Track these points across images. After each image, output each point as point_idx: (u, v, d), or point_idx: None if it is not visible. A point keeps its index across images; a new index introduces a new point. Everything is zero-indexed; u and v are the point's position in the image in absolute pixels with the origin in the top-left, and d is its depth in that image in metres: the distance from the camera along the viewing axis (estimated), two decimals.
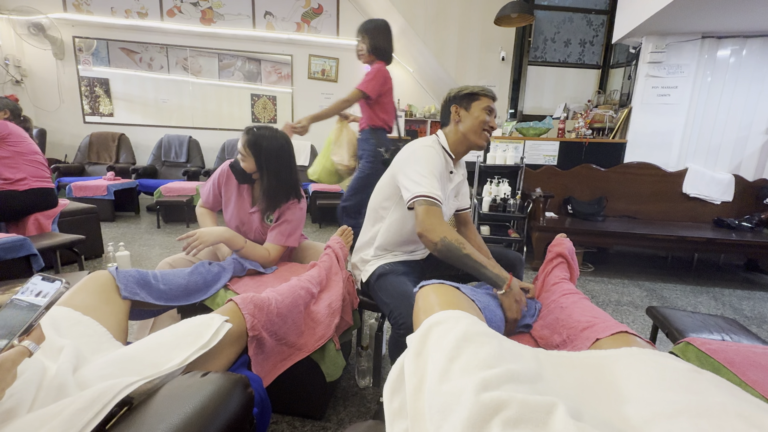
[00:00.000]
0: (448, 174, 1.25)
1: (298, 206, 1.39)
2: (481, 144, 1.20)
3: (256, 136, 1.30)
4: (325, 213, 3.97)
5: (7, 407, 0.48)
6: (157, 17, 4.59)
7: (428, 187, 1.04)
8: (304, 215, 1.44)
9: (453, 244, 0.97)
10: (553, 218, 2.91)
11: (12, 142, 2.04)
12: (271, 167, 1.32)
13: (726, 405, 0.42)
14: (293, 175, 1.38)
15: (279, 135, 1.35)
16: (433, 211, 1.01)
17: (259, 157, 1.30)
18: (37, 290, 0.53)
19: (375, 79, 2.02)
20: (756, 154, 3.22)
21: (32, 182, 2.12)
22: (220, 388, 0.57)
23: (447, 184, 1.25)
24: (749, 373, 0.73)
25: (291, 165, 1.38)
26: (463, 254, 0.96)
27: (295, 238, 1.40)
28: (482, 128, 1.18)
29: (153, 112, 4.86)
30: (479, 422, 0.38)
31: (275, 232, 1.36)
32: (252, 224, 1.42)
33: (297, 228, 1.40)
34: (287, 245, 1.38)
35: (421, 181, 1.05)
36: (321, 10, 4.86)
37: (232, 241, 1.25)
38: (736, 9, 2.59)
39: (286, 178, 1.35)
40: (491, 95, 1.20)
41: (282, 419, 1.14)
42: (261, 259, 1.31)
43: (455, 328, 0.54)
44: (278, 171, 1.33)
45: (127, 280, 0.93)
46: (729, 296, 2.46)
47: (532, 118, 4.15)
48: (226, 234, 1.24)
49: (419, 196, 1.03)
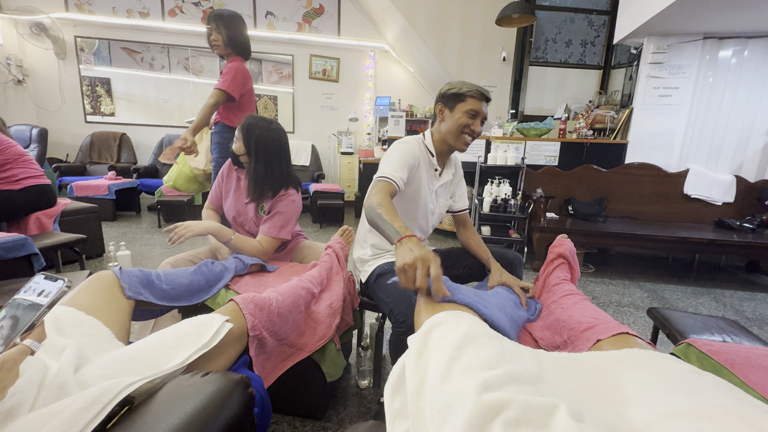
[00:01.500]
0: (433, 171, 1.24)
1: (291, 198, 1.39)
2: (460, 148, 1.18)
3: (249, 120, 1.34)
4: (326, 213, 3.97)
5: (9, 406, 0.48)
6: (159, 17, 4.59)
7: (388, 171, 1.06)
8: (298, 208, 1.43)
9: (371, 206, 0.93)
10: (554, 219, 2.91)
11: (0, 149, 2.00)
12: (259, 153, 1.34)
13: (727, 407, 0.42)
14: (283, 166, 1.39)
15: (273, 127, 1.37)
16: (378, 185, 1.02)
17: (249, 141, 1.33)
18: (39, 289, 0.53)
19: (235, 78, 1.87)
20: (757, 155, 3.21)
21: (28, 180, 2.10)
22: (221, 387, 0.57)
23: (433, 180, 1.25)
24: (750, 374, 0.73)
25: (281, 155, 1.38)
26: (375, 213, 0.91)
27: (287, 231, 1.39)
28: (461, 131, 1.14)
29: (154, 111, 4.87)
30: (480, 423, 0.38)
31: (268, 224, 1.36)
32: (247, 215, 1.43)
33: (290, 220, 1.39)
34: (279, 237, 1.37)
35: (383, 168, 1.08)
36: (322, 10, 4.86)
37: (220, 233, 1.28)
38: (738, 9, 2.59)
39: (274, 168, 1.36)
40: (479, 97, 1.12)
41: (282, 419, 1.14)
42: (252, 251, 1.32)
43: (456, 328, 0.54)
44: (267, 159, 1.34)
45: (131, 280, 0.93)
46: (730, 297, 2.46)
47: (533, 119, 4.15)
48: (213, 226, 1.27)
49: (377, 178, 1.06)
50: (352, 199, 4.71)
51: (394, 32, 4.65)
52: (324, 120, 5.20)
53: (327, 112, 5.20)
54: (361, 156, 4.34)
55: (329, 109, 5.20)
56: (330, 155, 5.22)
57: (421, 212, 1.25)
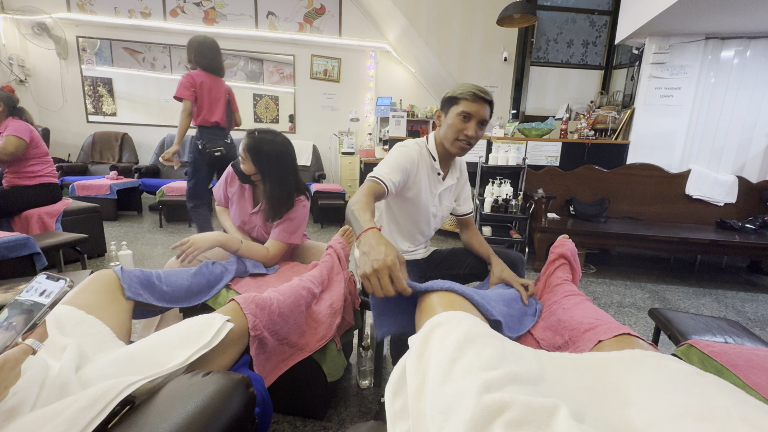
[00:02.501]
0: (436, 175, 1.24)
1: (302, 204, 1.40)
2: (456, 153, 1.16)
3: (255, 141, 1.31)
4: (327, 213, 3.98)
5: (11, 405, 0.48)
6: (160, 17, 4.60)
7: (379, 172, 1.06)
8: (308, 213, 1.45)
9: (350, 204, 0.92)
10: (555, 219, 2.90)
11: (35, 144, 2.18)
12: (272, 172, 1.33)
13: (729, 408, 0.42)
14: (295, 178, 1.39)
15: (279, 139, 1.35)
16: (364, 185, 1.00)
17: (259, 161, 1.32)
18: (41, 289, 0.53)
19: (182, 84, 2.29)
20: (760, 156, 3.20)
21: (43, 178, 2.27)
22: (222, 387, 0.57)
23: (435, 184, 1.24)
24: (752, 375, 0.73)
25: (291, 168, 1.38)
26: (350, 210, 0.89)
27: (298, 236, 1.41)
28: (455, 137, 1.11)
29: (156, 111, 4.88)
30: (481, 424, 0.38)
31: (278, 229, 1.37)
32: (254, 222, 1.43)
33: (300, 225, 1.40)
34: (290, 242, 1.38)
35: (377, 169, 1.08)
36: (323, 11, 4.87)
37: (227, 244, 1.24)
38: (740, 10, 2.58)
39: (287, 182, 1.36)
40: (472, 98, 1.06)
41: (283, 419, 1.14)
42: (260, 258, 1.32)
43: (457, 329, 0.54)
44: (279, 176, 1.34)
45: (131, 281, 0.93)
46: (732, 298, 2.45)
47: (534, 119, 4.15)
48: (220, 238, 1.23)
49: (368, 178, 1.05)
50: None
51: (395, 32, 4.65)
52: (325, 120, 5.21)
53: (328, 112, 5.21)
54: (362, 156, 4.34)
55: (330, 109, 5.21)
56: (331, 155, 5.23)
57: (422, 216, 1.26)
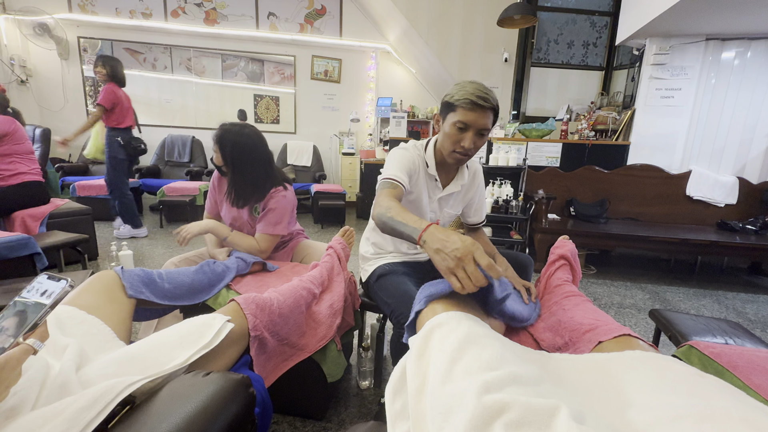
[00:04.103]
0: (433, 182, 1.16)
1: (281, 194, 1.40)
2: (452, 164, 1.10)
3: (222, 132, 1.34)
4: (327, 213, 3.98)
5: (11, 405, 0.49)
6: (161, 18, 4.61)
7: (390, 173, 1.03)
8: (291, 203, 1.45)
9: (380, 214, 0.87)
10: (556, 220, 2.90)
11: (16, 139, 2.12)
12: (236, 161, 1.34)
13: (730, 409, 0.42)
14: (263, 169, 1.38)
15: (247, 131, 1.36)
16: (383, 191, 0.97)
17: (224, 151, 1.34)
18: (42, 289, 0.54)
19: (107, 95, 2.80)
20: (760, 157, 3.20)
21: (25, 176, 2.22)
22: (222, 387, 0.57)
23: (434, 190, 1.18)
24: (753, 377, 0.73)
25: (259, 160, 1.37)
26: (387, 218, 0.85)
27: (282, 226, 1.41)
28: (452, 149, 1.03)
29: (156, 112, 4.88)
30: (481, 424, 0.38)
31: (262, 222, 1.38)
32: (242, 218, 1.44)
33: (283, 215, 1.40)
34: (275, 233, 1.39)
35: (384, 172, 1.06)
36: (324, 11, 4.87)
37: (217, 230, 1.35)
38: (741, 11, 2.58)
39: (256, 172, 1.36)
40: (470, 106, 0.94)
41: (283, 419, 1.14)
42: (249, 249, 1.35)
43: (457, 329, 0.54)
44: (244, 164, 1.35)
45: (133, 279, 0.93)
46: (732, 299, 2.45)
47: (534, 120, 4.15)
48: (210, 224, 1.35)
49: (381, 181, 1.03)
50: (353, 199, 4.71)
51: (395, 33, 4.66)
52: (325, 120, 5.21)
53: (329, 112, 5.21)
54: (363, 156, 4.34)
55: (331, 109, 5.21)
56: (331, 156, 5.23)
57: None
